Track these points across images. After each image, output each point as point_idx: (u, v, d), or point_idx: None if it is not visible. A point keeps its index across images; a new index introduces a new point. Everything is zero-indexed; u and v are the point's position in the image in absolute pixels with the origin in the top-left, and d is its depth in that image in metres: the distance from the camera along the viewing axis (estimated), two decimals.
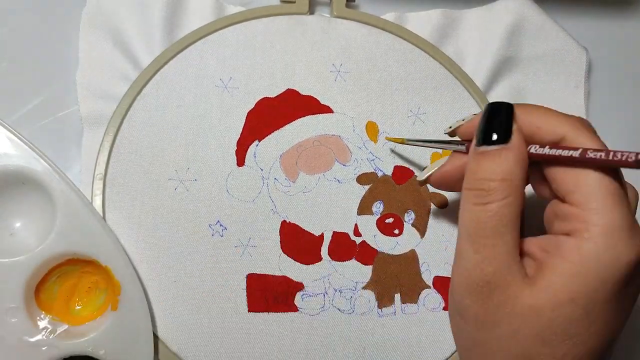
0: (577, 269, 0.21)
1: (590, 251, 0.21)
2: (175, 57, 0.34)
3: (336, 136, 0.34)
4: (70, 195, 0.29)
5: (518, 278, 0.23)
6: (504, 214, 0.23)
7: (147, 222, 0.31)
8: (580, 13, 0.42)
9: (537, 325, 0.22)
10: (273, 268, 0.32)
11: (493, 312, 0.23)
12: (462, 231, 0.24)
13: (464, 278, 0.24)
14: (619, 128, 0.40)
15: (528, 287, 0.22)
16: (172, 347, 0.30)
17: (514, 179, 0.23)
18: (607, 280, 0.21)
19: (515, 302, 0.22)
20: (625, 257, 0.21)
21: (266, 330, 0.31)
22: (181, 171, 0.32)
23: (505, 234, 0.23)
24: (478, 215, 0.23)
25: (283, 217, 0.32)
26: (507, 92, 0.37)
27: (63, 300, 0.30)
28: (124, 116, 0.33)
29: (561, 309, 0.21)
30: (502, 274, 0.23)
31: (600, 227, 0.21)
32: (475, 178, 0.24)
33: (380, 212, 0.33)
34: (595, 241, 0.21)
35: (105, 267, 0.29)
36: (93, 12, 0.35)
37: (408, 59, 0.36)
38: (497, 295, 0.23)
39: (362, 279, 0.32)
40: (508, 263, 0.23)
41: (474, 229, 0.23)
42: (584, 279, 0.21)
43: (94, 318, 0.29)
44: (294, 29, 0.35)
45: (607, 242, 0.21)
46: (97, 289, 0.30)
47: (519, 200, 0.23)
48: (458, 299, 0.24)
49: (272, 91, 0.34)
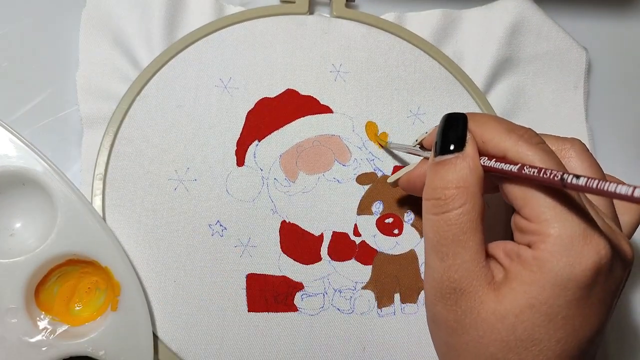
0: (535, 277, 0.22)
1: (546, 261, 0.22)
2: (175, 57, 0.34)
3: (336, 136, 0.34)
4: (70, 196, 0.29)
5: (483, 283, 0.23)
6: (462, 221, 0.23)
7: (147, 222, 0.31)
8: (580, 13, 0.42)
9: (502, 331, 0.22)
10: (273, 268, 0.32)
11: (462, 318, 0.23)
12: (426, 241, 0.25)
13: (432, 286, 0.24)
14: (618, 128, 0.40)
15: (493, 293, 0.23)
16: (172, 347, 0.30)
17: (469, 185, 0.23)
18: (566, 287, 0.22)
19: (481, 308, 0.23)
20: (581, 264, 0.22)
21: (266, 330, 0.31)
22: (181, 171, 0.32)
23: (467, 241, 0.23)
24: (438, 225, 0.24)
25: (283, 217, 0.32)
26: (506, 92, 0.37)
27: (63, 301, 0.30)
28: (123, 116, 0.33)
29: (523, 315, 0.22)
30: (467, 280, 0.23)
31: (553, 237, 0.22)
32: (432, 187, 0.24)
33: (380, 212, 0.33)
34: (549, 251, 0.22)
35: (105, 268, 0.29)
36: (93, 12, 0.35)
37: (408, 59, 0.36)
38: (464, 301, 0.23)
39: (361, 278, 0.32)
40: (473, 269, 0.23)
41: (436, 238, 0.24)
42: (542, 286, 0.22)
43: (94, 318, 0.29)
44: (294, 29, 0.35)
45: (561, 252, 0.22)
46: (97, 290, 0.30)
47: (477, 207, 0.23)
48: (430, 306, 0.25)
49: (271, 91, 0.34)
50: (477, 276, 0.23)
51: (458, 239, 0.23)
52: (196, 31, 0.34)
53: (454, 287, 0.23)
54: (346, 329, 0.31)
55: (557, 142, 0.28)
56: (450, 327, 0.24)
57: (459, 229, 0.23)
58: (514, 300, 0.22)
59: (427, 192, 0.25)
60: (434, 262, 0.24)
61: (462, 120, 0.25)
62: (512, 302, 0.22)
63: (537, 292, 0.22)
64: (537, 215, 0.22)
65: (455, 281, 0.23)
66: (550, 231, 0.22)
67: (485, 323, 0.23)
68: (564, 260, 0.22)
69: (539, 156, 0.23)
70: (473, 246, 0.23)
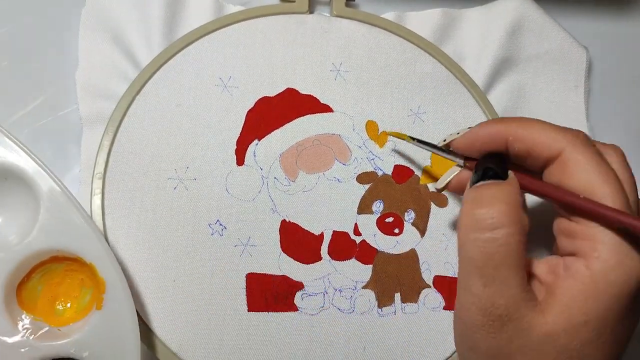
0: (590, 290, 0.21)
1: (601, 270, 0.21)
2: (174, 56, 0.34)
3: (336, 135, 0.34)
4: (53, 190, 0.27)
5: (530, 307, 0.22)
6: (512, 242, 0.22)
7: (147, 221, 0.31)
8: (580, 13, 0.42)
9: (553, 352, 0.21)
10: (273, 267, 0.32)
11: (507, 345, 0.22)
12: (466, 264, 0.23)
13: (473, 312, 0.23)
14: (618, 128, 0.40)
15: (541, 315, 0.22)
16: (172, 347, 0.30)
17: (518, 205, 0.23)
18: (620, 296, 0.21)
19: (530, 333, 0.22)
20: (635, 271, 0.21)
21: (266, 330, 0.31)
22: (181, 170, 0.32)
23: (515, 265, 0.22)
24: (485, 245, 0.22)
25: (283, 216, 0.32)
26: (507, 91, 0.37)
27: (47, 300, 0.29)
28: (123, 115, 0.32)
29: (575, 332, 0.21)
30: (514, 307, 0.22)
31: (607, 244, 0.21)
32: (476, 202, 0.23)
33: (380, 212, 0.33)
34: (604, 259, 0.21)
35: (90, 264, 0.27)
36: (93, 12, 0.35)
37: (408, 58, 0.36)
38: (510, 327, 0.22)
39: (362, 278, 0.32)
40: (519, 294, 0.22)
41: (482, 261, 0.22)
42: (598, 298, 0.21)
43: (79, 318, 0.28)
44: (294, 28, 0.35)
45: (616, 259, 0.21)
46: (83, 288, 0.29)
47: (525, 228, 0.22)
48: (468, 333, 0.24)
49: (271, 90, 0.34)
50: (524, 300, 0.22)
51: (506, 262, 0.22)
52: (196, 30, 0.34)
53: (499, 314, 0.22)
54: (346, 329, 0.31)
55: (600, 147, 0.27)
56: (492, 355, 0.23)
57: (508, 250, 0.22)
58: (567, 318, 0.21)
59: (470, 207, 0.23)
60: (475, 287, 0.23)
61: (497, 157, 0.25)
62: (565, 320, 0.21)
63: (592, 305, 0.21)
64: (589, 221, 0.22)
65: (500, 307, 0.22)
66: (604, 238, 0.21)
67: (533, 347, 0.22)
68: (620, 270, 0.21)
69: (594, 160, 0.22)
70: (520, 270, 0.22)
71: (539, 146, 0.24)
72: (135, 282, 0.30)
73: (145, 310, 0.30)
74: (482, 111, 0.36)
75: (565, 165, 0.23)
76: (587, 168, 0.22)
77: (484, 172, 0.25)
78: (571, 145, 0.23)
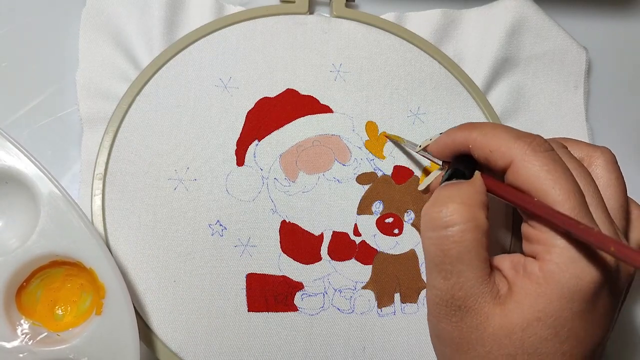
0: (541, 290, 0.22)
1: (553, 272, 0.22)
2: (174, 57, 0.34)
3: (336, 136, 0.34)
4: (54, 195, 0.27)
5: (488, 299, 0.23)
6: (466, 239, 0.23)
7: (147, 221, 0.31)
8: (580, 13, 0.42)
9: (509, 345, 0.22)
10: (273, 268, 0.32)
11: (467, 334, 0.23)
12: (428, 260, 0.24)
13: (436, 303, 0.24)
14: (618, 128, 0.40)
15: (499, 307, 0.23)
16: (172, 347, 0.30)
17: (472, 204, 0.23)
18: (572, 299, 0.22)
19: (487, 324, 0.23)
20: (587, 276, 0.21)
21: (266, 330, 0.31)
22: (181, 171, 0.32)
23: (472, 260, 0.23)
24: (440, 242, 0.23)
25: (283, 216, 0.32)
26: (506, 91, 0.37)
27: (46, 305, 0.28)
28: (123, 116, 0.33)
29: (530, 328, 0.22)
30: (472, 298, 0.23)
31: (558, 248, 0.22)
32: (433, 202, 0.24)
33: (380, 212, 0.33)
34: (556, 262, 0.22)
35: (90, 269, 0.27)
36: (93, 12, 0.35)
37: (408, 59, 0.36)
38: (469, 318, 0.23)
39: (361, 278, 0.32)
40: (478, 287, 0.23)
41: (439, 257, 0.23)
42: (549, 299, 0.22)
43: (78, 324, 0.28)
44: (294, 29, 0.35)
45: (567, 263, 0.22)
46: (83, 293, 0.29)
47: (480, 227, 0.23)
48: (434, 323, 0.25)
49: (271, 91, 0.34)
50: (482, 293, 0.23)
51: (462, 258, 0.23)
52: (196, 31, 0.34)
53: (459, 305, 0.23)
54: (346, 329, 0.31)
55: (587, 149, 0.27)
56: (455, 344, 0.24)
57: (462, 247, 0.23)
58: (520, 314, 0.22)
59: (427, 207, 0.24)
60: (436, 280, 0.24)
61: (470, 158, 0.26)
62: (519, 316, 0.22)
63: (544, 305, 0.22)
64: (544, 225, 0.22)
65: (460, 299, 0.23)
66: (557, 242, 0.22)
67: (491, 339, 0.22)
68: (570, 272, 0.21)
69: (545, 166, 0.23)
70: (478, 264, 0.23)
71: (494, 153, 0.24)
72: (135, 282, 0.30)
73: (145, 310, 0.30)
74: (482, 111, 0.36)
75: (517, 172, 0.23)
76: (536, 174, 0.23)
77: (452, 173, 0.26)
78: (522, 153, 0.23)
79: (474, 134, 0.25)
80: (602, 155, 0.27)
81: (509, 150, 0.24)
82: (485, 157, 0.25)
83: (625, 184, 0.27)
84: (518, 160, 0.23)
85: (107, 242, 0.31)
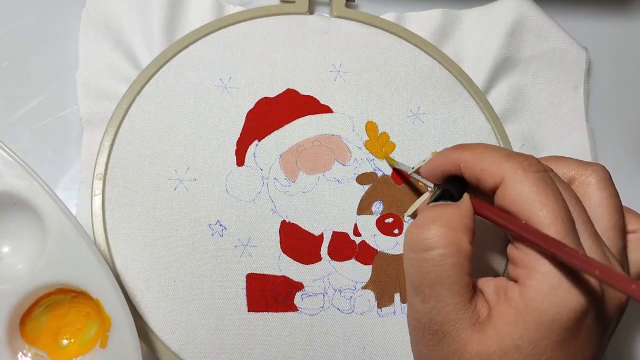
0: (520, 317, 0.21)
1: (532, 299, 0.21)
2: (174, 57, 0.34)
3: (336, 136, 0.34)
4: (62, 219, 0.26)
5: (467, 325, 0.22)
6: (446, 263, 0.22)
7: (147, 221, 0.31)
8: (580, 13, 0.42)
9: None
10: (273, 268, 0.32)
11: (445, 359, 0.23)
12: (408, 281, 0.24)
13: (414, 326, 0.24)
14: (618, 128, 0.40)
15: (477, 334, 0.22)
16: (172, 347, 0.30)
17: (455, 227, 0.23)
18: (551, 328, 0.21)
19: (464, 350, 0.22)
20: (567, 305, 0.21)
21: (266, 330, 0.31)
22: (181, 171, 0.32)
23: (451, 284, 0.22)
24: (419, 264, 0.23)
25: (283, 216, 0.32)
26: (506, 91, 0.37)
27: (50, 333, 0.28)
28: (123, 116, 0.33)
29: (508, 356, 0.21)
30: (450, 323, 0.22)
31: (541, 273, 0.21)
32: (415, 224, 0.24)
33: (380, 212, 0.33)
34: (536, 288, 0.21)
35: (96, 300, 0.26)
36: (93, 12, 0.35)
37: (408, 59, 0.36)
38: (447, 343, 0.22)
39: (361, 278, 0.32)
40: (456, 312, 0.22)
41: (418, 279, 0.23)
42: (527, 326, 0.21)
43: (82, 354, 0.27)
44: (294, 29, 0.35)
45: (548, 291, 0.21)
46: (89, 321, 0.28)
47: (462, 251, 0.22)
48: (413, 344, 0.25)
49: (271, 91, 0.34)
50: (461, 319, 0.22)
51: (441, 282, 0.22)
52: (196, 31, 0.34)
53: (436, 330, 0.23)
54: (346, 329, 0.31)
55: (578, 167, 0.27)
56: None
57: (442, 271, 0.22)
58: (498, 342, 0.21)
59: (410, 227, 0.24)
60: (415, 302, 0.23)
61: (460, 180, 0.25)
62: (497, 344, 0.21)
63: (522, 332, 0.21)
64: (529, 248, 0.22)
65: (437, 323, 0.22)
66: (540, 267, 0.21)
67: None
68: (550, 300, 0.21)
69: (535, 187, 0.22)
70: (458, 289, 0.22)
71: (485, 173, 0.24)
72: (136, 282, 0.30)
73: (145, 310, 0.30)
74: (482, 111, 0.36)
75: (506, 193, 0.23)
76: (525, 194, 0.22)
77: (441, 194, 0.25)
78: (512, 172, 0.23)
79: (466, 153, 0.25)
80: (594, 172, 0.26)
81: (500, 169, 0.23)
82: (477, 176, 0.24)
83: (620, 201, 0.26)
84: (508, 179, 0.23)
85: (107, 242, 0.31)
